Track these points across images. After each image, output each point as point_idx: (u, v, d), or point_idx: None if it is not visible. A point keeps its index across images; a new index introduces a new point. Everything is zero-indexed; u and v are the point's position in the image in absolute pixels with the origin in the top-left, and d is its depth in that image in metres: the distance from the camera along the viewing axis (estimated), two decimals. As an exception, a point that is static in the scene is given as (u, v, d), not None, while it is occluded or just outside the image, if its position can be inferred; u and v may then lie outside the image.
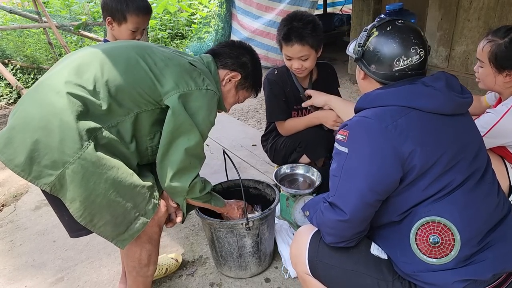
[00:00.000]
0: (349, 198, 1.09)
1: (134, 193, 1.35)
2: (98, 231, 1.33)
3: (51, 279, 2.00)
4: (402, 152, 1.05)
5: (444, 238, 1.05)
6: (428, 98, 1.10)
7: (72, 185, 1.24)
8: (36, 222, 2.48)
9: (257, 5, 5.67)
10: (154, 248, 1.51)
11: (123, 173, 1.32)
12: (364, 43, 1.20)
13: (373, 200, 1.08)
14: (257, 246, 1.81)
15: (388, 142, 1.05)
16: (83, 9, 7.39)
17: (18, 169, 1.22)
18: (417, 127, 1.08)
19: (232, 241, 1.77)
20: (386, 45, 1.15)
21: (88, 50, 1.42)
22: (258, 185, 2.06)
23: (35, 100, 1.29)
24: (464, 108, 1.17)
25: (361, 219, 1.12)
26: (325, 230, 1.18)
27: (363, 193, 1.07)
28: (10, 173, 3.11)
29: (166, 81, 1.39)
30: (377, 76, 1.19)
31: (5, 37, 5.69)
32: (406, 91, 1.12)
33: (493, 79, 1.59)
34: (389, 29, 1.17)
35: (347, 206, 1.09)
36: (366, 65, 1.21)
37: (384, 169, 1.05)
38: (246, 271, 1.88)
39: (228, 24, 6.09)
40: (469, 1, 3.54)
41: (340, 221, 1.11)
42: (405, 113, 1.09)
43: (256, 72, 1.69)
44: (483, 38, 1.61)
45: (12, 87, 4.74)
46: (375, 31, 1.19)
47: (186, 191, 1.47)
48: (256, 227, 1.74)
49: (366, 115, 1.12)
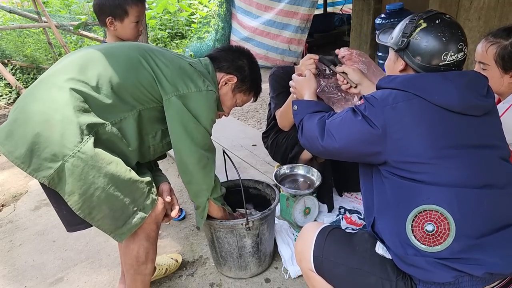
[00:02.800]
0: (342, 135, 1.22)
1: (132, 188, 1.37)
2: (97, 224, 1.35)
3: (51, 279, 2.00)
4: (390, 128, 1.12)
5: (440, 227, 1.05)
6: (439, 91, 1.10)
7: (71, 179, 1.25)
8: (36, 222, 2.48)
9: (256, 4, 5.68)
10: (152, 245, 1.51)
11: (122, 168, 1.34)
12: (410, 33, 1.18)
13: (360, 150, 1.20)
14: (257, 246, 1.81)
15: (382, 117, 1.13)
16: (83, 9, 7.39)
17: (18, 161, 1.24)
18: (414, 114, 1.11)
19: (232, 241, 1.76)
20: (437, 39, 1.14)
21: (90, 49, 1.44)
22: (258, 185, 2.06)
23: (37, 95, 1.31)
24: (479, 111, 1.14)
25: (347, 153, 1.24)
26: (309, 134, 1.31)
27: (351, 141, 1.20)
28: (10, 173, 3.11)
29: (167, 83, 1.42)
30: (421, 68, 1.18)
31: (4, 37, 5.69)
32: (419, 78, 1.14)
33: (500, 81, 1.58)
34: (438, 22, 1.16)
35: (340, 140, 1.22)
36: (410, 56, 1.19)
37: (367, 139, 1.16)
38: (246, 271, 1.87)
39: (228, 23, 6.10)
40: (470, 1, 3.54)
41: (331, 146, 1.24)
42: (407, 98, 1.12)
43: (254, 75, 1.70)
44: (483, 41, 1.59)
45: (11, 87, 4.74)
46: (422, 22, 1.17)
47: (212, 187, 1.56)
48: (256, 227, 1.74)
49: (375, 95, 1.18)
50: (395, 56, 1.26)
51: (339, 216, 2.17)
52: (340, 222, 2.13)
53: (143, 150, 1.49)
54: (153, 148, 1.52)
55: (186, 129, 1.45)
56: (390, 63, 1.31)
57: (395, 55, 1.26)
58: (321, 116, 1.32)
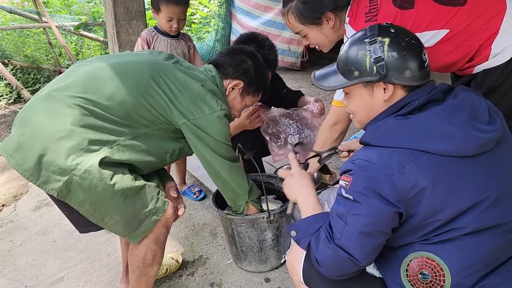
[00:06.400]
0: (355, 243, 1.00)
1: (141, 194, 1.39)
2: (110, 229, 1.40)
3: (51, 279, 2.00)
4: (406, 199, 0.96)
5: (435, 277, 0.98)
6: (443, 140, 0.96)
7: (80, 190, 1.28)
8: (36, 222, 2.48)
9: (256, 4, 5.67)
10: (160, 249, 1.52)
11: (128, 178, 1.36)
12: (383, 55, 1.04)
13: (379, 240, 1.01)
14: (277, 239, 1.83)
15: (392, 188, 0.96)
16: (83, 9, 7.39)
17: (27, 174, 1.27)
18: (427, 174, 0.95)
19: (253, 236, 1.79)
20: (407, 45, 1.04)
21: (101, 64, 1.43)
22: (272, 180, 2.08)
23: (46, 109, 1.32)
24: (489, 145, 1.00)
25: (371, 260, 1.04)
26: (325, 263, 1.05)
27: (367, 236, 1.00)
28: (10, 174, 3.11)
29: (182, 108, 1.44)
30: (415, 80, 1.05)
31: (5, 37, 5.70)
32: (417, 129, 0.99)
33: (322, 35, 1.59)
34: (392, 31, 1.06)
35: (356, 252, 1.00)
36: (398, 75, 1.04)
37: (385, 219, 0.98)
38: (266, 264, 1.90)
39: (228, 24, 6.09)
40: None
41: (353, 264, 1.02)
42: (414, 158, 0.95)
43: (260, 75, 1.71)
44: (283, 17, 1.63)
45: (12, 87, 4.74)
46: (381, 39, 1.05)
47: (248, 190, 1.66)
48: (276, 220, 1.76)
49: (370, 160, 0.99)
50: (369, 89, 1.09)
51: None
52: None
53: (155, 165, 1.51)
54: (167, 162, 1.57)
55: (208, 146, 1.51)
56: (364, 101, 1.12)
57: (368, 89, 1.09)
58: (325, 236, 1.07)
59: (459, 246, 0.97)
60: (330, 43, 1.63)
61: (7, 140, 1.32)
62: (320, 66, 1.43)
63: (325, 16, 1.52)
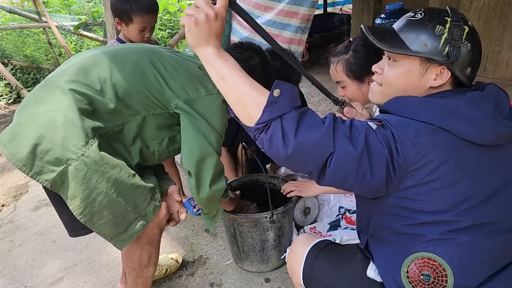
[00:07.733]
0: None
1: (135, 194, 1.35)
2: (97, 230, 1.33)
3: (51, 279, 2.00)
4: (406, 170, 0.93)
5: (437, 278, 0.98)
6: (465, 123, 0.94)
7: (73, 182, 1.23)
8: (36, 222, 2.48)
9: (256, 4, 5.67)
10: (154, 249, 1.51)
11: (125, 173, 1.32)
12: (461, 41, 0.96)
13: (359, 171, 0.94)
14: (279, 239, 1.83)
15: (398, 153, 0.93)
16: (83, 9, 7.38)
17: (20, 164, 1.22)
18: (438, 150, 0.93)
19: (255, 235, 1.78)
20: (479, 44, 1.00)
21: (97, 51, 1.42)
22: (274, 180, 2.08)
23: (41, 97, 1.30)
24: (505, 139, 0.99)
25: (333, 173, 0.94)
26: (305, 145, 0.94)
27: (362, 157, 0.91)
28: (10, 173, 3.11)
29: (176, 87, 1.38)
30: (468, 80, 1.00)
31: (5, 37, 5.70)
32: (444, 107, 0.96)
33: (360, 92, 1.62)
34: (470, 24, 0.99)
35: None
36: (461, 67, 0.98)
37: (381, 161, 0.93)
38: (267, 264, 1.90)
39: (228, 23, 6.07)
40: (470, 1, 3.54)
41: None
42: (432, 132, 0.93)
43: (266, 75, 1.66)
44: (331, 64, 1.65)
45: (11, 87, 4.74)
46: (463, 24, 0.97)
47: (224, 190, 1.49)
48: (278, 220, 1.75)
49: (389, 120, 0.97)
50: (423, 68, 1.01)
51: (339, 216, 2.17)
52: (340, 222, 2.13)
53: (146, 154, 1.47)
54: (158, 154, 1.50)
55: (199, 131, 1.39)
56: (410, 77, 1.03)
57: (423, 67, 1.01)
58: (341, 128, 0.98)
59: (459, 245, 0.97)
60: (363, 101, 1.67)
61: (4, 131, 1.29)
62: (320, 66, 1.42)
63: (368, 77, 1.57)
